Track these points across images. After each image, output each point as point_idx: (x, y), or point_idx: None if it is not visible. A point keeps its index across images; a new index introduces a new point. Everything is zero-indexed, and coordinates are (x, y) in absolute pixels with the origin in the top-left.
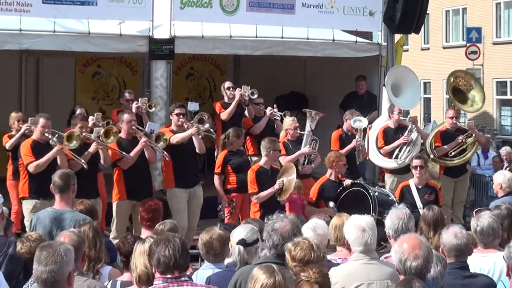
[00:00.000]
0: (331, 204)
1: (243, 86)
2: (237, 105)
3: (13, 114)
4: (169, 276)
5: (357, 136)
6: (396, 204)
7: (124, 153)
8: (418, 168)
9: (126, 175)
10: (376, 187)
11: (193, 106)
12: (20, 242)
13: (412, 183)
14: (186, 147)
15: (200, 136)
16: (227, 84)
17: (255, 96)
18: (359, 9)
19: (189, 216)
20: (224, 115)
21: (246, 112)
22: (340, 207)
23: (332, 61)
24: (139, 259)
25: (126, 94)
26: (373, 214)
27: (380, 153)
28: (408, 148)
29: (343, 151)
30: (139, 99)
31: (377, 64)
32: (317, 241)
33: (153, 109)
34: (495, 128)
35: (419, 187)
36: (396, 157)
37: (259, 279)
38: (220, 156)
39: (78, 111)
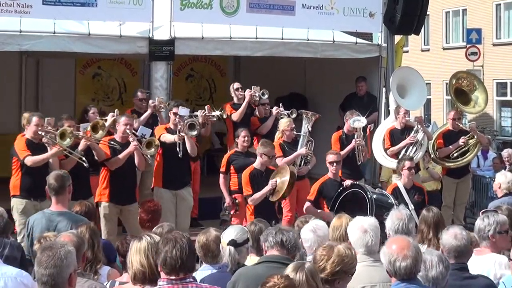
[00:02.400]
0: None
1: (252, 87)
2: (247, 106)
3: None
4: (174, 277)
5: (356, 136)
6: (395, 206)
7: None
8: (412, 169)
9: (112, 177)
10: (377, 189)
11: (183, 111)
12: (37, 242)
13: (401, 184)
14: (178, 148)
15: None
16: (236, 85)
17: (266, 96)
18: (359, 10)
19: (178, 218)
20: (235, 116)
21: (256, 112)
22: (338, 207)
23: (332, 62)
24: (134, 256)
25: (139, 94)
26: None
27: (387, 154)
28: (415, 148)
29: (343, 152)
30: (156, 98)
31: (377, 65)
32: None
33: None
34: (495, 129)
35: (408, 188)
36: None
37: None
38: (225, 155)
39: (91, 111)
